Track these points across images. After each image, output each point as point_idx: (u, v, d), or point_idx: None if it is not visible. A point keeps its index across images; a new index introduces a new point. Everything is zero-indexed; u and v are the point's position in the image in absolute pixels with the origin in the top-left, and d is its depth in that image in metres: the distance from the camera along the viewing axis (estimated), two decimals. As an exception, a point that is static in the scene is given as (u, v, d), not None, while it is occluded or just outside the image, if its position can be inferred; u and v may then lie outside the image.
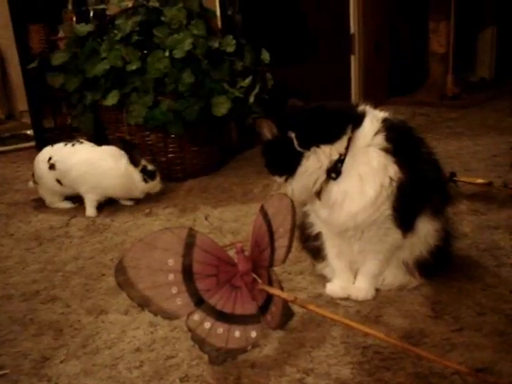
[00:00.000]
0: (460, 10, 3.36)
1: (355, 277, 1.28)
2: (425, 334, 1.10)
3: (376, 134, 1.16)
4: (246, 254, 1.07)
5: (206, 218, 1.73)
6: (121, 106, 2.21)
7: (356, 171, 1.15)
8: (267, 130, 1.18)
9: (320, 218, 1.26)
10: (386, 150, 1.15)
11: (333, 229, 1.24)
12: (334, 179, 1.16)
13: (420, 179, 1.18)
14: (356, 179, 1.15)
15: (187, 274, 1.00)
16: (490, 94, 3.50)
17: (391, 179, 1.14)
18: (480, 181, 1.83)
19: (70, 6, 2.82)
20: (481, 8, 3.79)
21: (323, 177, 1.17)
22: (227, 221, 1.81)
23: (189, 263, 1.00)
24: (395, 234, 1.20)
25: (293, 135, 1.15)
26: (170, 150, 2.29)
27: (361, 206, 1.15)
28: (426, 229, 1.22)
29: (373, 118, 1.18)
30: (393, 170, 1.14)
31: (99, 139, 2.34)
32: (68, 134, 2.99)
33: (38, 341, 1.21)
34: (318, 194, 1.20)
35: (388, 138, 1.15)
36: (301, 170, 1.16)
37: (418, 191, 1.19)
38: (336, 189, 1.17)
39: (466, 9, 3.46)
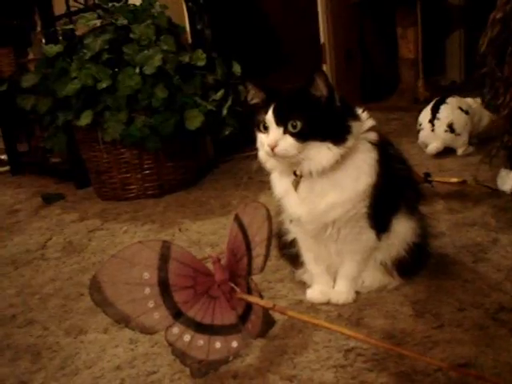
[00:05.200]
0: (426, 15, 3.42)
1: (334, 281, 1.28)
2: (406, 333, 1.10)
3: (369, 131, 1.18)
4: (223, 263, 1.06)
5: (179, 230, 1.73)
6: (94, 125, 2.19)
7: (354, 164, 1.15)
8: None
9: (293, 215, 1.21)
10: (376, 149, 1.17)
11: (307, 226, 1.20)
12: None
13: (394, 178, 1.20)
14: (350, 172, 1.14)
15: (164, 286, 0.99)
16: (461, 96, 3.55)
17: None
18: (454, 180, 1.85)
19: (38, 28, 2.80)
20: (448, 12, 3.86)
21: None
22: (206, 234, 1.80)
23: (165, 276, 0.99)
24: (369, 233, 1.20)
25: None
26: (146, 166, 2.28)
27: (344, 199, 1.14)
28: (402, 228, 1.23)
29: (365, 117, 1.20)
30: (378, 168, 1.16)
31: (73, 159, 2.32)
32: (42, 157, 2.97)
33: (16, 365, 1.18)
34: (296, 186, 1.17)
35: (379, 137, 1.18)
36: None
37: (393, 190, 1.20)
38: (330, 176, 1.14)
39: (433, 13, 3.52)
